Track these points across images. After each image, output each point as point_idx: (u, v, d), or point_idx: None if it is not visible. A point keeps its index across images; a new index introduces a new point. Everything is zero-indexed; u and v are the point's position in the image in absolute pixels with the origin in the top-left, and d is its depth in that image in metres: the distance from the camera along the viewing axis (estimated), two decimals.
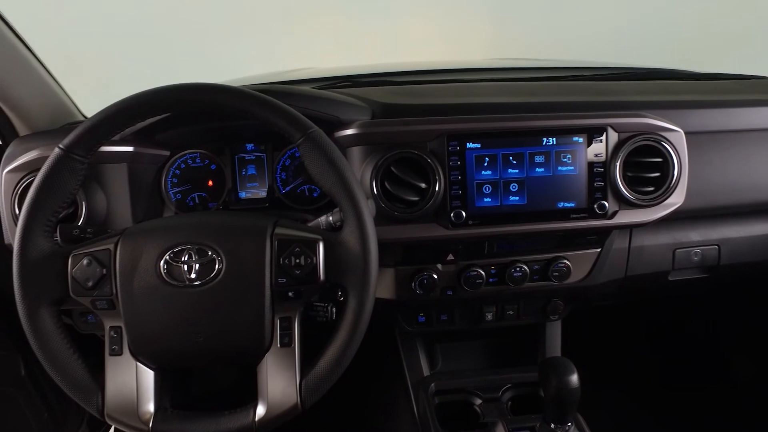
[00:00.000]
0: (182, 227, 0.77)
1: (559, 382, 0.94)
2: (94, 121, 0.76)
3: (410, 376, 1.24)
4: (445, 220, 0.96)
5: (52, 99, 1.08)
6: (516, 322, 1.18)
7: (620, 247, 1.12)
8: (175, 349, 0.76)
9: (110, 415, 0.76)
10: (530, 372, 1.17)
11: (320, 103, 0.97)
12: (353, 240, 0.75)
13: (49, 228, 0.76)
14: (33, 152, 0.93)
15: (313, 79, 1.33)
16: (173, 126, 1.00)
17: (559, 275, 1.07)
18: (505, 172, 0.97)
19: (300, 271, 0.74)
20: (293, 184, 1.09)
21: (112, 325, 0.76)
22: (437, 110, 1.02)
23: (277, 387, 0.75)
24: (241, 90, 0.78)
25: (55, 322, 0.75)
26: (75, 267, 0.74)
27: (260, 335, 0.75)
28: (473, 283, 1.05)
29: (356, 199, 0.75)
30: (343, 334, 0.75)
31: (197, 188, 1.07)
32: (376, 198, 0.93)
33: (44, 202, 0.74)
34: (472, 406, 1.17)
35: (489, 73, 1.52)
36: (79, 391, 0.75)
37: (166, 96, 0.77)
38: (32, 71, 1.02)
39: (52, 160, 0.75)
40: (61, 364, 0.74)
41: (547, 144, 0.97)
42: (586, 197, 0.98)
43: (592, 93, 1.16)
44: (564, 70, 1.51)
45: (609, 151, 0.98)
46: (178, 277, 0.73)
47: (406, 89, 1.18)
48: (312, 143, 0.76)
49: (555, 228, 0.99)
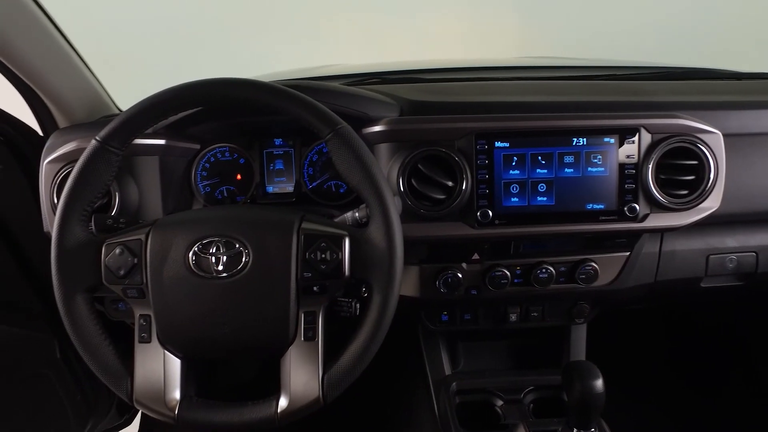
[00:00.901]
0: (211, 220, 0.79)
1: (583, 386, 0.92)
2: (128, 115, 0.78)
3: (432, 374, 1.23)
4: (472, 219, 0.95)
5: (90, 93, 1.12)
6: (540, 324, 1.16)
7: (650, 251, 1.09)
8: (201, 339, 0.77)
9: (138, 401, 0.78)
10: (553, 375, 1.16)
11: (348, 99, 0.98)
12: (379, 237, 0.75)
13: (85, 217, 0.78)
14: (71, 144, 0.95)
15: (342, 75, 1.33)
16: (204, 120, 1.01)
17: (586, 278, 1.05)
18: (534, 172, 0.96)
19: (325, 266, 0.75)
20: (320, 179, 1.09)
21: (142, 314, 0.78)
22: (466, 108, 1.02)
23: (299, 380, 0.76)
24: (271, 85, 0.79)
25: (88, 308, 0.77)
26: (108, 255, 0.76)
27: (284, 328, 0.76)
28: (498, 283, 1.04)
29: (383, 196, 0.75)
30: (366, 330, 0.75)
31: (226, 182, 1.09)
32: (403, 195, 0.93)
33: (81, 192, 0.77)
34: (494, 407, 1.16)
35: (519, 71, 1.50)
36: (110, 376, 0.77)
37: (198, 90, 0.78)
38: (73, 66, 1.05)
39: (88, 151, 0.77)
40: (94, 348, 0.77)
41: (577, 144, 0.96)
42: (616, 199, 0.96)
43: (625, 93, 1.13)
44: (596, 69, 1.48)
45: (641, 153, 0.96)
46: (206, 268, 0.75)
47: (434, 87, 1.17)
48: (340, 139, 0.76)
49: (583, 230, 0.98)
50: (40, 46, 0.97)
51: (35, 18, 0.94)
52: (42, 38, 0.97)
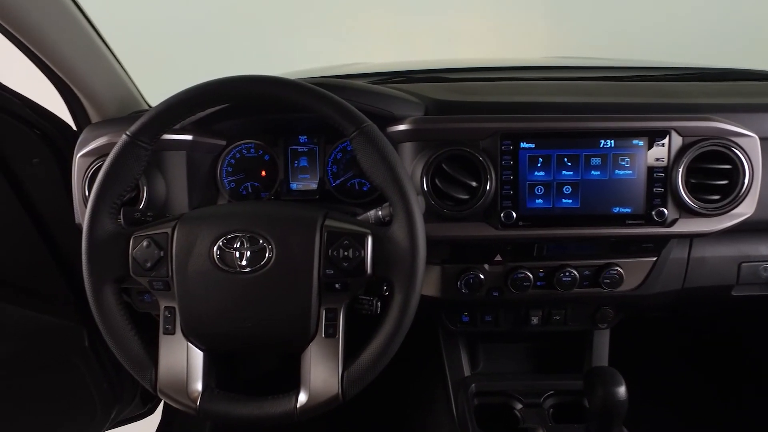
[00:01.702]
0: (236, 215, 0.80)
1: (605, 392, 0.91)
2: (158, 110, 0.79)
3: (451, 375, 1.23)
4: (495, 220, 0.95)
5: (122, 89, 1.14)
6: (562, 328, 1.15)
7: (679, 257, 1.07)
8: (223, 332, 0.78)
9: (162, 391, 0.79)
10: (575, 380, 1.14)
11: (374, 97, 0.98)
12: (402, 235, 0.75)
13: (114, 210, 0.79)
14: (103, 138, 0.98)
15: (367, 74, 1.33)
16: (230, 117, 1.02)
17: (610, 282, 1.03)
18: (559, 173, 0.95)
19: (348, 263, 0.75)
20: (344, 177, 1.10)
21: (167, 306, 0.79)
22: (491, 108, 1.01)
23: (319, 376, 0.77)
24: (297, 83, 0.79)
25: (116, 299, 0.79)
26: (135, 248, 0.78)
27: (306, 324, 0.77)
28: (520, 286, 1.03)
29: (406, 195, 0.75)
30: (387, 328, 0.75)
31: (250, 178, 1.10)
32: (426, 195, 0.93)
33: (111, 185, 0.78)
34: (512, 410, 1.15)
35: (546, 71, 1.48)
36: (135, 365, 0.79)
37: (225, 87, 0.79)
38: (107, 63, 1.08)
39: (119, 146, 0.79)
40: (121, 338, 0.78)
41: (605, 146, 0.94)
42: (644, 203, 0.95)
43: (656, 94, 1.11)
44: (626, 69, 1.45)
45: (671, 156, 0.94)
46: (230, 263, 0.76)
47: (460, 86, 1.16)
48: (365, 137, 0.76)
49: (609, 233, 0.96)
50: (78, 44, 1.00)
51: (73, 17, 0.97)
52: (79, 36, 1.00)
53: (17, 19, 0.89)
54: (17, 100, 1.06)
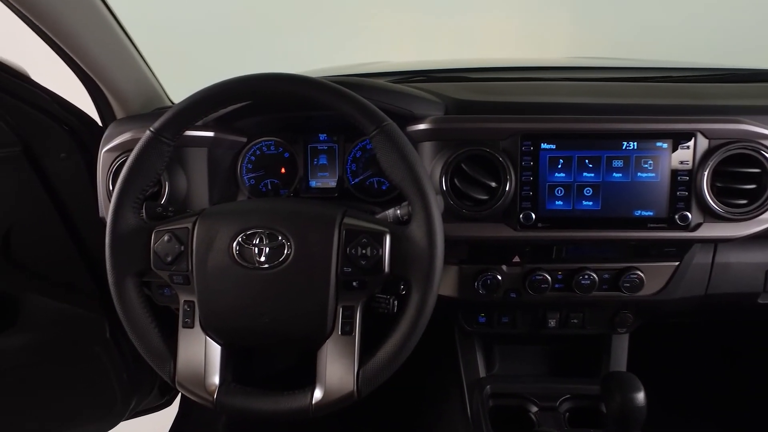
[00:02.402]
0: (255, 212, 0.80)
1: (623, 398, 0.90)
2: (181, 107, 0.80)
3: (466, 375, 1.22)
4: (514, 221, 0.94)
5: (146, 85, 1.16)
6: (580, 331, 1.13)
7: (702, 262, 1.04)
8: (241, 327, 0.79)
9: (180, 383, 0.80)
10: (592, 384, 1.13)
11: (394, 96, 0.98)
12: (420, 235, 0.75)
13: (137, 205, 0.81)
14: (127, 134, 0.99)
15: (388, 72, 1.33)
16: (251, 114, 1.03)
17: (630, 286, 1.02)
18: (580, 175, 0.94)
19: (366, 261, 0.75)
20: (363, 175, 1.10)
21: (186, 300, 0.81)
22: (512, 108, 1.00)
23: (335, 373, 0.77)
24: (318, 81, 0.80)
25: (137, 291, 0.80)
26: (157, 242, 0.79)
27: (323, 321, 0.77)
28: (538, 288, 1.02)
29: (425, 194, 0.75)
30: (403, 327, 0.75)
31: (270, 175, 1.11)
32: (445, 194, 0.92)
33: (134, 180, 0.80)
34: (528, 413, 1.14)
35: (568, 72, 1.47)
36: (155, 357, 0.80)
37: (247, 85, 0.80)
38: (133, 61, 1.10)
39: (142, 142, 0.80)
40: (141, 330, 0.80)
41: (627, 148, 0.93)
42: (667, 207, 0.93)
43: (682, 96, 1.09)
44: (651, 70, 1.42)
45: (697, 159, 0.92)
46: (249, 259, 0.76)
47: (480, 86, 1.16)
48: (385, 136, 0.76)
49: (630, 237, 0.95)
50: (106, 43, 1.02)
51: (103, 17, 1.00)
52: (108, 35, 1.02)
53: (51, 20, 0.92)
54: (47, 96, 1.09)
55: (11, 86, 1.04)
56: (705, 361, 1.65)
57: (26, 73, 1.08)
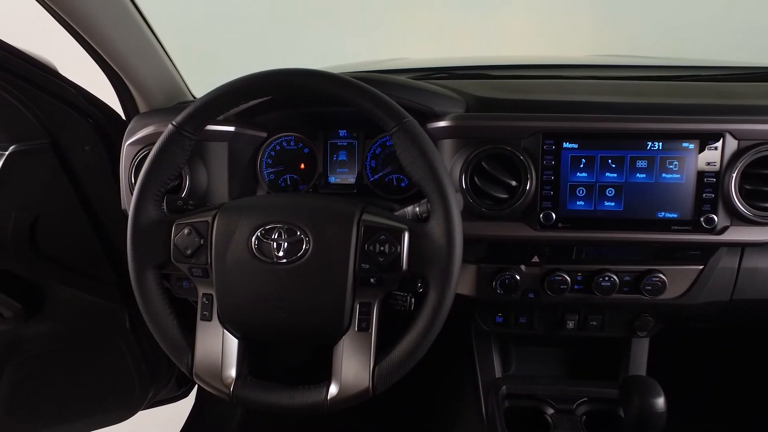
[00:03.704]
0: (274, 207, 0.81)
1: (642, 403, 0.89)
2: (203, 101, 0.81)
3: (482, 376, 1.21)
4: (534, 221, 0.93)
5: (169, 80, 1.17)
6: (599, 334, 1.12)
7: (727, 267, 1.02)
8: (258, 321, 0.80)
9: (197, 375, 0.81)
10: (610, 388, 1.11)
11: (415, 93, 0.97)
12: (439, 232, 0.74)
13: (159, 198, 0.82)
14: (150, 128, 1.00)
15: (409, 69, 1.32)
16: (272, 109, 1.04)
17: (652, 290, 1.00)
18: (602, 175, 0.93)
19: (384, 258, 0.75)
20: (382, 172, 1.10)
21: (205, 292, 0.81)
22: (534, 107, 0.99)
23: (350, 370, 0.77)
24: (339, 77, 0.79)
25: (157, 283, 0.81)
26: (177, 235, 0.80)
27: (339, 317, 0.77)
28: (557, 289, 1.01)
29: (445, 192, 0.74)
30: (420, 325, 0.75)
31: (289, 170, 1.11)
32: (465, 192, 0.92)
33: (156, 173, 0.81)
34: (543, 415, 1.13)
35: (592, 70, 1.44)
36: (173, 349, 0.81)
37: (268, 80, 0.80)
38: (156, 56, 1.11)
39: (165, 135, 0.81)
40: (160, 322, 0.81)
41: (652, 149, 0.92)
42: (692, 209, 0.91)
43: (710, 95, 1.06)
44: (678, 69, 1.39)
45: (725, 161, 0.90)
46: (267, 253, 0.77)
47: (502, 83, 1.14)
48: (405, 133, 0.76)
49: (653, 239, 0.93)
50: (132, 38, 1.04)
51: (129, 12, 1.01)
52: (133, 31, 1.04)
53: (80, 15, 0.93)
54: (73, 90, 1.11)
55: (40, 80, 1.06)
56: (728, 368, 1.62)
57: (54, 68, 1.09)
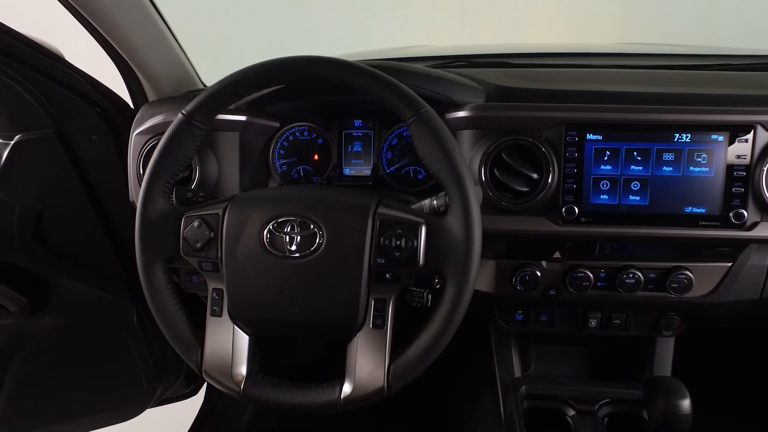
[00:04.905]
0: (287, 199, 0.79)
1: (667, 405, 0.87)
2: (213, 90, 0.79)
3: (501, 375, 1.19)
4: (556, 215, 0.91)
5: (179, 68, 1.15)
6: (622, 333, 1.09)
7: (758, 264, 0.98)
8: (270, 317, 0.78)
9: (207, 372, 0.79)
10: (633, 389, 1.09)
11: (433, 82, 0.95)
12: (457, 227, 0.72)
13: (168, 189, 0.80)
14: (159, 117, 0.99)
15: (427, 57, 1.30)
16: (284, 98, 1.02)
17: (678, 287, 0.96)
18: (627, 168, 0.90)
19: (400, 253, 0.73)
20: (398, 164, 1.07)
21: (215, 287, 0.80)
22: (557, 96, 0.96)
23: (365, 368, 0.75)
24: (355, 65, 0.77)
25: (166, 278, 0.79)
26: (186, 228, 0.78)
27: (354, 314, 0.75)
28: (579, 286, 0.98)
29: (464, 185, 0.72)
30: (437, 322, 0.73)
31: (303, 161, 1.09)
32: (484, 185, 0.90)
33: (165, 164, 0.79)
34: (564, 416, 1.10)
35: (618, 58, 1.40)
36: (182, 345, 0.80)
37: (281, 68, 0.78)
38: (166, 42, 1.09)
39: (174, 125, 0.79)
40: (169, 317, 0.79)
41: (680, 141, 0.89)
42: (721, 203, 0.89)
43: (741, 85, 1.03)
44: (707, 57, 1.35)
45: (755, 153, 0.87)
46: (279, 247, 0.75)
47: (524, 72, 1.12)
48: (423, 123, 0.73)
49: (680, 235, 0.91)
50: (139, 23, 1.02)
51: None
52: (143, 17, 1.02)
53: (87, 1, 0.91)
54: (81, 78, 1.09)
55: (46, 67, 1.04)
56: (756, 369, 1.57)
57: (61, 55, 1.08)
